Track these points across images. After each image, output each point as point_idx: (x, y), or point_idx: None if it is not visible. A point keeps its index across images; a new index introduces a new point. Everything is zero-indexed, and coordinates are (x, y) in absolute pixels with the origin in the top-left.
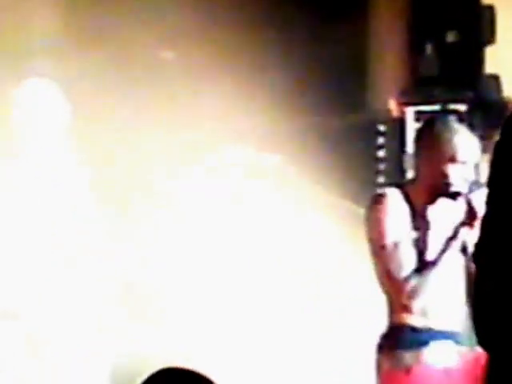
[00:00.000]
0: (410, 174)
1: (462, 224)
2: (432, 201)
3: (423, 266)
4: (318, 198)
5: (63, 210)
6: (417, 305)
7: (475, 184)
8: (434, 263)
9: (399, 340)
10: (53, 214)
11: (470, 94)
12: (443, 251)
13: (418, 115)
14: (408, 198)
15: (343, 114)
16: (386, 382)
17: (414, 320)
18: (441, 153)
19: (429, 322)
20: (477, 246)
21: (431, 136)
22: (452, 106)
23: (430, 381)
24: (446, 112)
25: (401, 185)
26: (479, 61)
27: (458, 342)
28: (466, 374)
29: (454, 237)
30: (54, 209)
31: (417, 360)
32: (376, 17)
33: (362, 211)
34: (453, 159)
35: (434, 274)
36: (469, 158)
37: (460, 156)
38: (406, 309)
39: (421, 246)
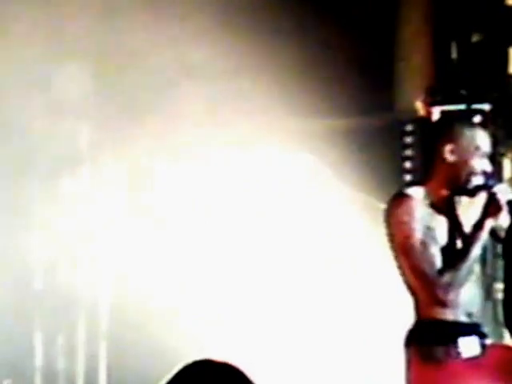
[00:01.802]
0: None
1: (487, 216)
2: (452, 195)
3: (454, 260)
4: (347, 196)
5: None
6: (451, 298)
7: (493, 176)
8: (464, 256)
9: (428, 334)
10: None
11: (495, 94)
12: (471, 244)
13: (444, 114)
14: (429, 195)
15: (371, 115)
16: (415, 376)
17: (442, 314)
18: (465, 145)
19: (458, 316)
20: (505, 237)
21: (453, 131)
22: (477, 106)
23: (459, 374)
24: (471, 111)
25: (420, 182)
26: (503, 61)
27: (486, 335)
28: (494, 366)
29: (479, 229)
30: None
31: (446, 354)
32: (403, 19)
33: None
34: (477, 151)
35: (465, 267)
36: (488, 149)
37: (483, 147)
38: (437, 303)
39: (447, 241)
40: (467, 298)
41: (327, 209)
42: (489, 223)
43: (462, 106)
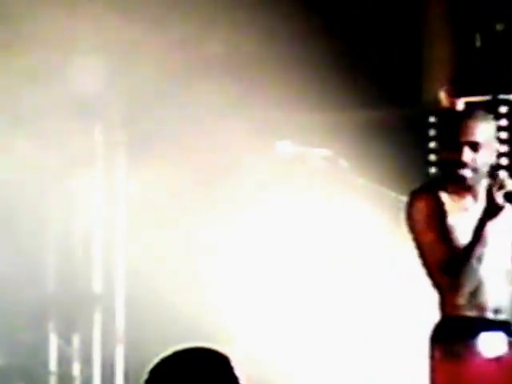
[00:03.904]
0: None
1: (485, 215)
2: (458, 191)
3: (461, 259)
4: (369, 191)
5: None
6: (462, 297)
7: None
8: (465, 258)
9: (451, 330)
10: None
11: None
12: (471, 246)
13: (469, 106)
14: (443, 192)
15: (395, 107)
16: (438, 372)
17: (466, 311)
18: (452, 137)
19: (480, 313)
20: None
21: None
22: (502, 96)
23: (481, 371)
24: (496, 102)
25: (437, 178)
26: None
27: (509, 332)
28: None
29: (478, 230)
30: None
31: (468, 350)
32: (426, 10)
33: None
34: (462, 141)
35: (467, 269)
36: (479, 139)
37: (469, 137)
38: (455, 301)
39: (457, 239)
40: (495, 294)
41: (348, 203)
42: (489, 223)
43: (487, 97)
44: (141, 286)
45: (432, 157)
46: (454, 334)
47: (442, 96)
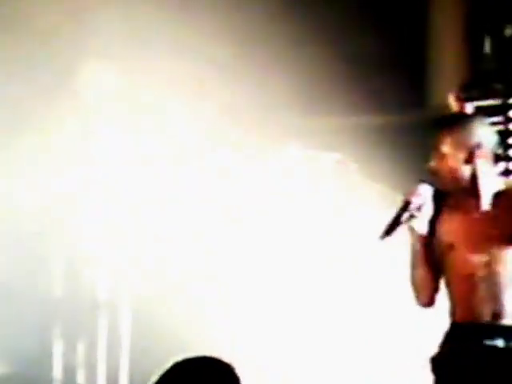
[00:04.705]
0: None
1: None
2: (459, 196)
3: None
4: (377, 193)
5: None
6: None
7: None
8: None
9: (451, 335)
10: None
11: None
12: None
13: (478, 110)
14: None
15: (403, 111)
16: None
17: (466, 315)
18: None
19: (479, 319)
20: None
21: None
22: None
23: (482, 374)
24: (505, 106)
25: None
26: None
27: (509, 338)
28: None
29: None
30: None
31: (468, 354)
32: (434, 13)
33: None
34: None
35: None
36: (442, 147)
37: (432, 144)
38: (455, 305)
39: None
40: (495, 298)
41: (356, 206)
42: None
43: (496, 101)
44: (146, 295)
45: None
46: (454, 340)
47: (451, 100)
